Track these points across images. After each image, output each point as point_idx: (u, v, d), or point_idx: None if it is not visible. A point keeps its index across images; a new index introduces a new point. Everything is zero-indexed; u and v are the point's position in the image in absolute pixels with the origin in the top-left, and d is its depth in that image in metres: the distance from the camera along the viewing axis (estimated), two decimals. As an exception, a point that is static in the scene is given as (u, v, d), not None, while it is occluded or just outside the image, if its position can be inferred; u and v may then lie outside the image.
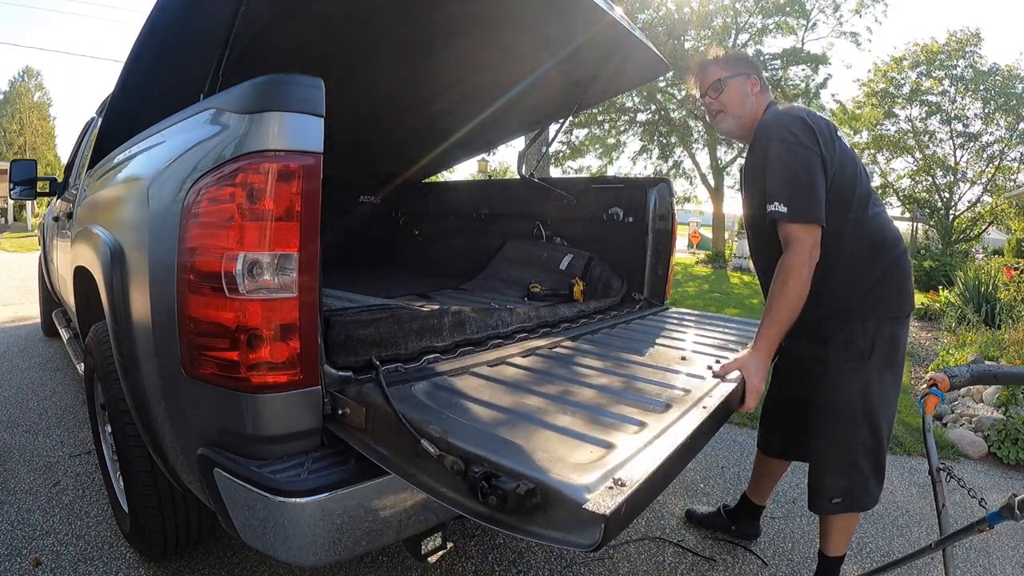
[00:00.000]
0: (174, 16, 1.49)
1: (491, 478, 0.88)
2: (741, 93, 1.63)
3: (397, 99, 2.61)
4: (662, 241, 2.42)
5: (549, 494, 0.85)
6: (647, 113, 15.38)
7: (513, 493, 0.85)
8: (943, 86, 15.99)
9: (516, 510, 0.86)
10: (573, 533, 0.83)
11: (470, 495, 0.90)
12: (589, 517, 0.80)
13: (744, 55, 1.72)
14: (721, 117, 1.67)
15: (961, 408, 3.46)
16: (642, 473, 0.90)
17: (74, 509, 2.07)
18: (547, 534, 0.86)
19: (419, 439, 0.97)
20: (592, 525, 0.80)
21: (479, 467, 0.90)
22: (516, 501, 0.85)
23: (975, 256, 14.10)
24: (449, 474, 0.93)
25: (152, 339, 1.21)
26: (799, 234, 1.40)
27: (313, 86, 1.03)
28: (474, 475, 0.89)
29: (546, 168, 11.54)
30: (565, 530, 0.84)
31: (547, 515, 0.85)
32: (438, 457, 0.94)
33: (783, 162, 1.43)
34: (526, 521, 0.87)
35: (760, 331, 1.44)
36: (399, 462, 1.02)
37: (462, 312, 1.64)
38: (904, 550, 2.07)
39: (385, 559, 1.85)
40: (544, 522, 0.86)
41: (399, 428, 1.01)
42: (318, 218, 1.05)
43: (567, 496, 0.83)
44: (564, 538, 0.84)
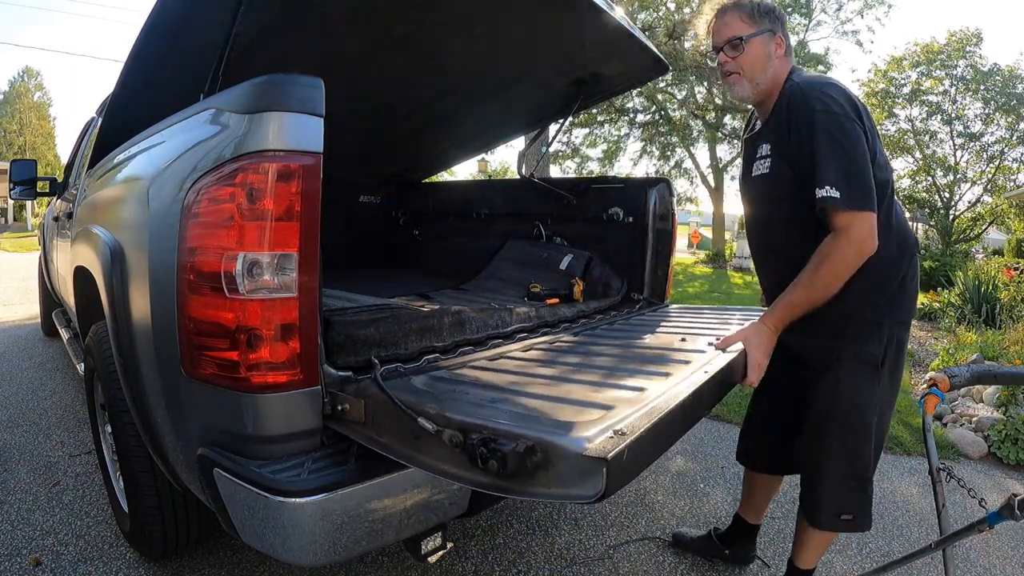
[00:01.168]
0: (174, 16, 1.49)
1: (489, 443, 0.87)
2: (764, 55, 1.42)
3: (397, 99, 2.61)
4: (662, 241, 2.42)
5: (549, 449, 0.84)
6: (647, 114, 15.38)
7: (512, 453, 0.84)
8: (943, 86, 15.98)
9: (517, 472, 0.85)
10: (576, 486, 0.82)
11: (471, 465, 0.89)
12: (590, 465, 0.79)
13: (771, 7, 1.45)
14: (735, 79, 1.44)
15: (961, 408, 3.46)
16: (643, 424, 0.89)
17: (74, 509, 2.07)
18: (551, 492, 0.85)
19: (416, 417, 0.97)
20: (594, 474, 0.80)
21: (477, 435, 0.90)
22: (516, 461, 0.84)
23: (975, 256, 14.10)
24: (449, 448, 0.92)
25: (152, 339, 1.21)
26: (854, 222, 1.25)
27: (313, 86, 1.03)
28: (472, 443, 0.89)
29: (546, 168, 11.54)
30: (568, 485, 0.83)
31: (549, 473, 0.84)
32: (436, 433, 0.93)
33: (834, 138, 1.27)
34: (529, 483, 0.86)
35: (771, 308, 1.36)
36: (400, 447, 1.03)
37: (462, 312, 1.64)
38: (904, 550, 2.07)
39: (385, 559, 1.85)
40: (547, 481, 0.85)
41: (397, 413, 1.01)
42: (318, 218, 1.05)
43: (567, 448, 0.82)
44: (568, 493, 0.83)
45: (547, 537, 2.03)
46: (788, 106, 1.38)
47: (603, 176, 2.75)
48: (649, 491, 2.42)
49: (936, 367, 4.57)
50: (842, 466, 1.45)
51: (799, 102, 1.34)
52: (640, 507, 2.28)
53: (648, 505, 2.30)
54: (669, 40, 12.38)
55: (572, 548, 1.98)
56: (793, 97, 1.37)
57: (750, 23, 1.42)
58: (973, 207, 16.74)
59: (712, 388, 1.20)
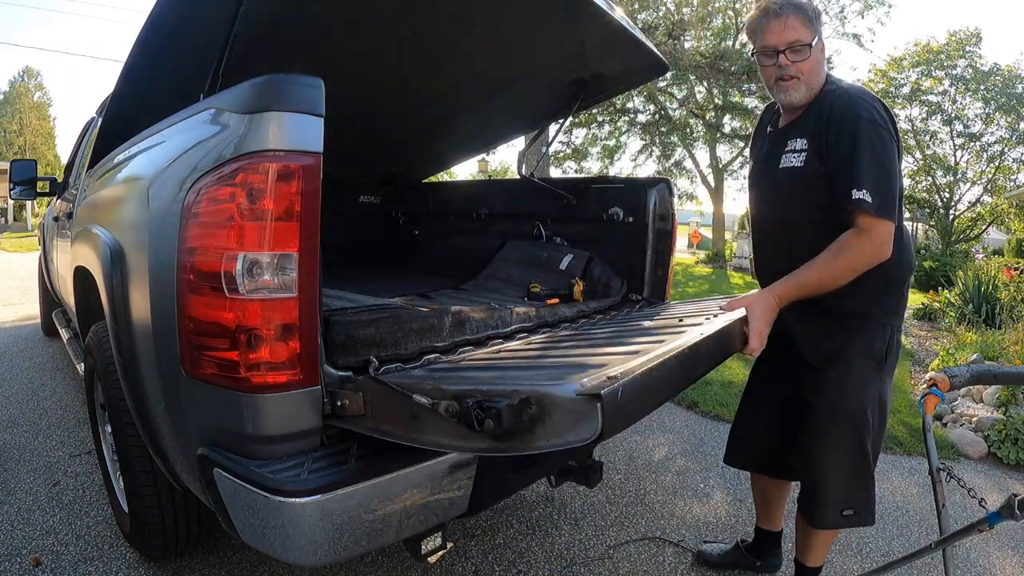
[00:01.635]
0: (174, 16, 1.49)
1: (483, 404, 0.87)
2: (821, 60, 1.42)
3: (397, 99, 2.61)
4: (662, 241, 2.42)
5: (543, 400, 0.84)
6: (647, 114, 15.39)
7: (507, 408, 0.84)
8: (943, 86, 15.98)
9: (514, 428, 0.85)
10: (573, 431, 0.82)
11: (469, 431, 0.89)
12: (585, 406, 0.79)
13: (818, 10, 1.45)
14: (793, 84, 1.41)
15: (961, 408, 3.46)
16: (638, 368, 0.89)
17: (74, 509, 2.07)
18: (550, 443, 0.84)
19: (411, 395, 0.97)
20: (589, 414, 0.80)
21: (471, 399, 0.90)
22: (511, 416, 0.84)
23: (975, 256, 14.11)
24: (447, 420, 0.93)
25: (152, 339, 1.21)
26: (877, 227, 1.31)
27: (313, 86, 1.03)
28: (467, 406, 0.89)
29: (546, 168, 11.54)
30: (566, 432, 0.83)
31: (546, 425, 0.84)
32: (432, 406, 0.93)
33: (875, 148, 1.32)
34: (527, 438, 0.86)
35: (780, 281, 1.37)
36: (400, 431, 1.03)
37: (462, 312, 1.64)
38: (904, 550, 2.07)
39: (385, 559, 1.85)
40: (544, 432, 0.84)
41: (394, 398, 1.01)
42: (318, 218, 1.05)
43: (561, 395, 0.82)
44: (566, 440, 0.83)
45: (547, 537, 2.03)
46: (831, 109, 1.39)
47: (603, 176, 2.74)
48: (649, 491, 2.42)
49: (936, 367, 4.57)
50: (846, 461, 1.47)
51: (844, 107, 1.36)
52: (640, 507, 2.28)
53: (648, 505, 2.30)
54: (669, 40, 12.39)
55: (572, 548, 1.98)
56: (838, 101, 1.38)
57: (811, 28, 1.40)
58: (973, 207, 16.75)
59: (710, 346, 1.20)
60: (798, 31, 1.39)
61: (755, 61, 1.49)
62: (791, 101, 1.45)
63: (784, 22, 1.39)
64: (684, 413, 3.44)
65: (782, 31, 1.39)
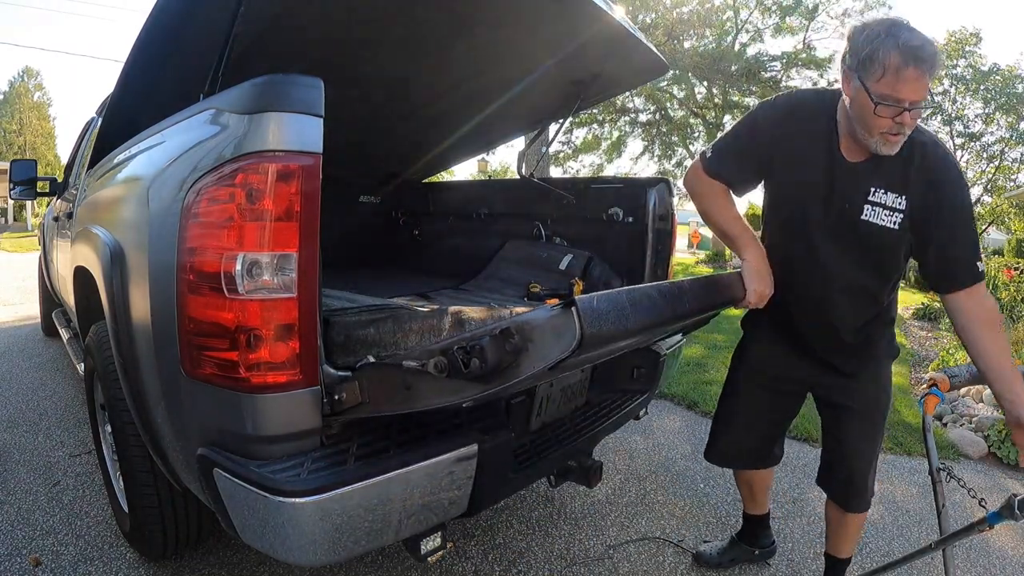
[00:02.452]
0: (174, 16, 1.49)
1: (467, 347, 0.88)
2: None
3: (397, 99, 2.61)
4: (662, 241, 2.41)
5: (522, 327, 0.85)
6: (647, 114, 15.39)
7: (490, 342, 0.85)
8: (943, 86, 15.98)
9: (501, 362, 0.86)
10: (557, 344, 0.84)
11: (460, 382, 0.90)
12: (563, 318, 0.81)
13: None
14: (899, 140, 1.25)
15: (961, 408, 3.46)
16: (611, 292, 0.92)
17: (74, 509, 2.07)
18: (538, 367, 0.86)
19: (400, 363, 0.99)
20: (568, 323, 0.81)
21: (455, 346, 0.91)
22: (495, 350, 0.85)
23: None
24: (438, 377, 0.93)
25: (152, 339, 1.21)
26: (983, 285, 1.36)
27: (312, 86, 1.03)
28: (452, 354, 0.90)
29: (546, 168, 11.54)
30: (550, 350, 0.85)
31: (529, 352, 0.85)
32: (422, 367, 0.94)
33: (972, 217, 1.34)
34: (516, 370, 0.87)
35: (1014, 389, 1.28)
36: (397, 404, 1.04)
37: (462, 312, 1.64)
38: (904, 550, 2.07)
39: (385, 559, 1.85)
40: (529, 360, 0.86)
41: (386, 375, 1.02)
42: (318, 218, 1.05)
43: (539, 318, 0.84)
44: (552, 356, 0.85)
45: (547, 537, 2.03)
46: (924, 161, 1.29)
47: (603, 176, 2.75)
48: (649, 491, 2.42)
49: (936, 367, 4.57)
50: (875, 449, 1.60)
51: (945, 167, 1.30)
52: (640, 507, 2.28)
53: (648, 505, 2.30)
54: (669, 41, 12.39)
55: (572, 548, 1.98)
56: (929, 153, 1.30)
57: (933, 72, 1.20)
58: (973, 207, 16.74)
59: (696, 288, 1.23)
60: (928, 89, 1.21)
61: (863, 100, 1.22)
62: (890, 153, 1.28)
63: (925, 80, 1.17)
64: (684, 413, 3.44)
65: (920, 89, 1.17)
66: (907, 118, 1.20)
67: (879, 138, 1.25)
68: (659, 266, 2.45)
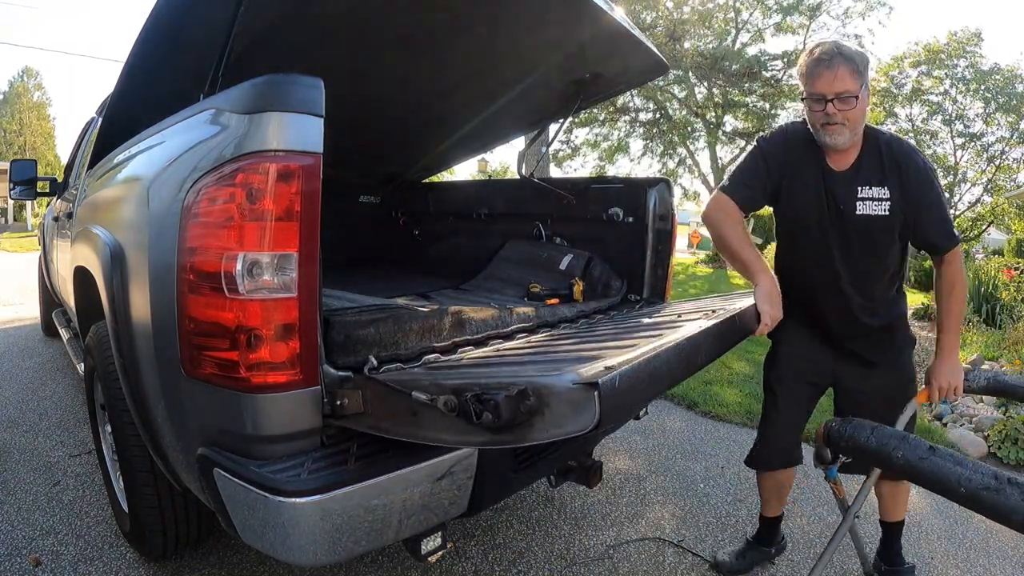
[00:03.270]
0: (174, 16, 1.49)
1: (482, 397, 0.87)
2: (866, 108, 1.51)
3: (397, 99, 2.61)
4: (662, 241, 2.42)
5: (540, 391, 0.84)
6: (648, 113, 15.39)
7: (505, 400, 0.84)
8: (944, 86, 15.97)
9: (513, 420, 0.85)
10: (572, 420, 0.83)
11: (468, 425, 0.89)
12: (582, 395, 0.80)
13: (867, 58, 1.52)
14: (838, 129, 1.49)
15: (961, 408, 3.46)
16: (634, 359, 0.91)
17: (74, 509, 2.07)
18: (549, 434, 0.85)
19: (409, 392, 0.98)
20: (587, 403, 0.80)
21: (469, 392, 0.90)
22: (509, 408, 0.84)
23: (975, 256, 14.11)
24: (446, 415, 0.93)
25: (152, 339, 1.21)
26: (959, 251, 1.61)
27: (312, 86, 1.03)
28: (465, 400, 0.89)
29: (546, 168, 11.54)
30: (565, 422, 0.84)
31: (544, 416, 0.84)
32: (431, 402, 0.93)
33: (941, 192, 1.58)
34: (526, 430, 0.86)
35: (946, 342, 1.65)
36: (400, 428, 1.03)
37: (462, 312, 1.64)
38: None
39: (385, 559, 1.85)
40: (543, 424, 0.85)
41: (393, 395, 1.01)
42: (318, 218, 1.05)
43: (557, 385, 0.83)
44: (566, 430, 0.84)
45: (547, 537, 2.03)
46: (891, 156, 1.55)
47: (603, 176, 2.75)
48: (649, 491, 2.42)
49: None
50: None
51: (909, 157, 1.55)
52: (640, 507, 2.28)
53: (648, 505, 2.30)
54: (669, 41, 12.39)
55: (572, 548, 1.98)
56: (893, 149, 1.55)
57: (859, 78, 1.45)
58: (973, 207, 16.74)
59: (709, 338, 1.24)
60: (846, 82, 1.44)
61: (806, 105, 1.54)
62: (835, 144, 1.53)
63: (835, 73, 1.44)
64: (684, 413, 3.44)
65: (832, 81, 1.45)
66: (831, 108, 1.46)
67: (822, 130, 1.52)
68: (659, 266, 2.45)
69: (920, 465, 1.18)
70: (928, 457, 1.18)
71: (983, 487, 1.09)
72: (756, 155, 1.69)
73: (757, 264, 1.61)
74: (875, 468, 1.52)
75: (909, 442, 1.23)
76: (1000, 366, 4.17)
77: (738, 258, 1.64)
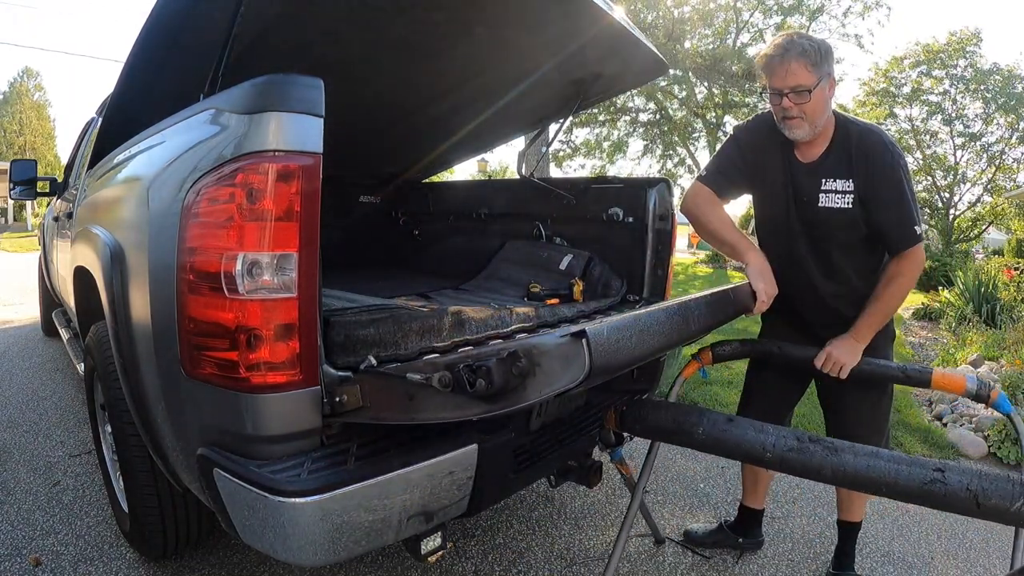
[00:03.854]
0: (174, 16, 1.49)
1: (474, 366, 0.88)
2: (825, 99, 1.50)
3: (397, 99, 2.61)
4: (662, 241, 2.41)
5: (530, 351, 0.84)
6: (648, 114, 15.39)
7: (497, 364, 0.84)
8: (944, 86, 15.97)
9: (506, 385, 0.85)
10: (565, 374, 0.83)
11: (464, 397, 0.89)
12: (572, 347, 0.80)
13: (828, 49, 1.51)
14: (797, 123, 1.51)
15: (961, 408, 3.46)
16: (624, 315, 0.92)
17: (74, 509, 2.07)
18: (543, 393, 0.85)
19: (404, 375, 0.98)
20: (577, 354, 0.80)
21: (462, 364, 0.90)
22: (502, 372, 0.84)
23: (975, 256, 14.11)
24: (442, 392, 0.93)
25: (152, 339, 1.21)
26: (920, 248, 1.55)
27: (312, 86, 1.03)
28: (458, 371, 0.89)
29: (546, 168, 11.54)
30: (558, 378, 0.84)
31: (536, 376, 0.84)
32: (426, 380, 0.93)
33: (911, 188, 1.52)
34: (521, 393, 0.86)
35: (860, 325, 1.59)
36: (399, 414, 1.04)
37: (462, 312, 1.64)
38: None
39: (385, 559, 1.85)
40: (536, 384, 0.85)
41: (389, 383, 1.01)
42: (318, 218, 1.05)
43: (546, 343, 0.83)
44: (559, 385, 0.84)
45: (547, 537, 2.03)
46: (860, 149, 1.52)
47: (603, 176, 2.74)
48: (649, 491, 2.42)
49: (937, 366, 4.57)
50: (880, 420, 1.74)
51: (886, 154, 1.51)
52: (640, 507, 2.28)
53: (648, 505, 2.30)
54: (669, 41, 12.39)
55: (572, 548, 1.98)
56: (863, 141, 1.53)
57: (814, 71, 1.45)
58: (973, 207, 16.74)
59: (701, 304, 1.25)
60: (799, 76, 1.45)
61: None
62: (796, 137, 1.55)
63: (787, 67, 1.46)
64: (684, 413, 3.44)
65: (785, 76, 1.47)
66: (786, 102, 1.49)
67: (782, 124, 1.54)
68: (659, 266, 2.45)
69: (723, 437, 1.19)
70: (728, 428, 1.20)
71: (788, 449, 1.11)
72: (732, 144, 1.70)
73: (743, 243, 1.62)
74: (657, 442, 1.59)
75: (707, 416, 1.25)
76: (1000, 366, 4.17)
77: (723, 240, 1.65)
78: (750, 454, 1.16)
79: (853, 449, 1.09)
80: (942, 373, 1.55)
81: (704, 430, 1.22)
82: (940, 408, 3.54)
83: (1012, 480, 0.96)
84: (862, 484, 1.06)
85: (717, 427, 1.21)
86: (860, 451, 1.08)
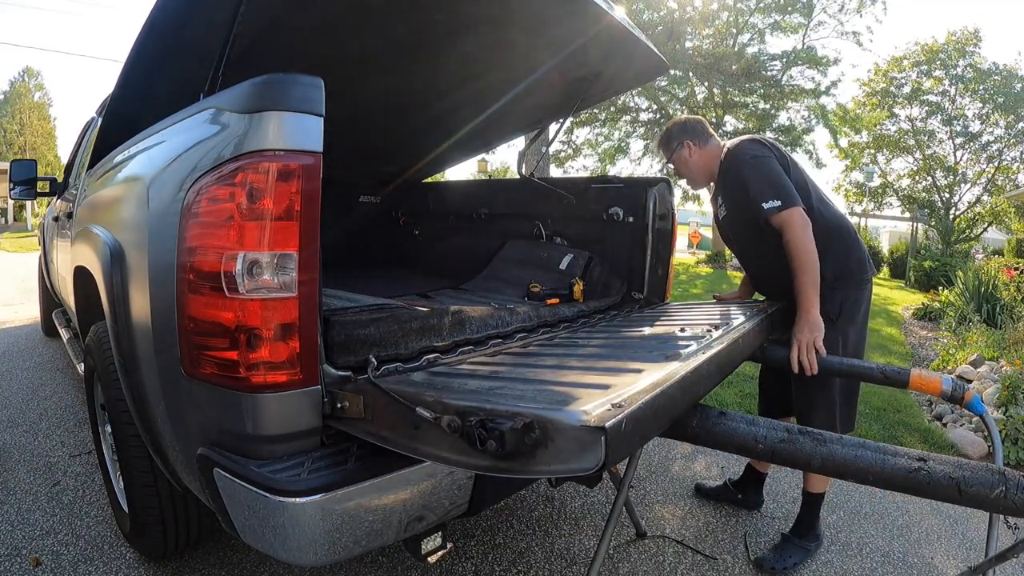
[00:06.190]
0: (174, 16, 1.49)
1: (487, 424, 0.87)
2: (682, 160, 2.07)
3: (397, 99, 2.61)
4: (662, 241, 2.42)
5: (546, 425, 0.84)
6: (648, 113, 15.39)
7: (510, 431, 0.83)
8: (943, 86, 15.98)
9: (516, 451, 0.84)
10: (576, 460, 0.82)
11: (471, 449, 0.89)
12: (589, 436, 0.79)
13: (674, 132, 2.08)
14: (686, 181, 2.14)
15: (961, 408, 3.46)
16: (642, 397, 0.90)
17: (74, 509, 2.07)
18: (552, 469, 0.84)
19: (414, 408, 0.97)
20: (593, 445, 0.79)
21: (474, 417, 0.89)
22: (514, 439, 0.83)
23: (975, 256, 14.11)
24: (448, 434, 0.92)
25: (152, 339, 1.20)
26: (791, 215, 1.76)
27: (313, 86, 1.03)
28: (470, 425, 0.88)
29: (546, 168, 11.54)
30: (568, 460, 0.83)
31: (548, 450, 0.84)
32: (435, 420, 0.93)
33: (757, 170, 1.85)
34: (529, 462, 0.85)
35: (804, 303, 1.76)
36: (401, 440, 1.03)
37: (462, 312, 1.64)
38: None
39: (385, 559, 1.85)
40: (547, 457, 0.84)
41: (395, 406, 1.01)
42: (318, 218, 1.05)
43: (564, 422, 0.82)
44: (569, 467, 0.83)
45: (547, 537, 2.03)
46: (725, 169, 1.99)
47: (603, 176, 2.73)
48: (649, 492, 2.42)
49: (936, 366, 4.57)
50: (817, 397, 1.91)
51: (728, 164, 1.97)
52: (640, 507, 2.28)
53: (648, 505, 2.30)
54: (669, 40, 12.39)
55: (572, 548, 1.98)
56: (729, 162, 1.97)
57: (667, 147, 2.10)
58: (973, 207, 16.75)
59: (711, 368, 1.24)
60: (661, 153, 2.15)
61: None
62: (692, 187, 2.24)
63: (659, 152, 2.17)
64: (684, 413, 3.43)
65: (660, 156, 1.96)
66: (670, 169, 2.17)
67: None
68: (659, 266, 2.45)
69: (715, 430, 1.21)
70: (720, 421, 1.21)
71: (778, 440, 1.14)
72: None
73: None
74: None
75: (700, 410, 1.26)
76: (1000, 366, 4.17)
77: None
78: (742, 446, 1.19)
79: (841, 440, 1.12)
80: (919, 374, 1.59)
81: (697, 423, 1.23)
82: (940, 408, 3.53)
83: (991, 470, 1.01)
84: (850, 473, 1.09)
85: (709, 420, 1.22)
86: (847, 442, 1.11)
